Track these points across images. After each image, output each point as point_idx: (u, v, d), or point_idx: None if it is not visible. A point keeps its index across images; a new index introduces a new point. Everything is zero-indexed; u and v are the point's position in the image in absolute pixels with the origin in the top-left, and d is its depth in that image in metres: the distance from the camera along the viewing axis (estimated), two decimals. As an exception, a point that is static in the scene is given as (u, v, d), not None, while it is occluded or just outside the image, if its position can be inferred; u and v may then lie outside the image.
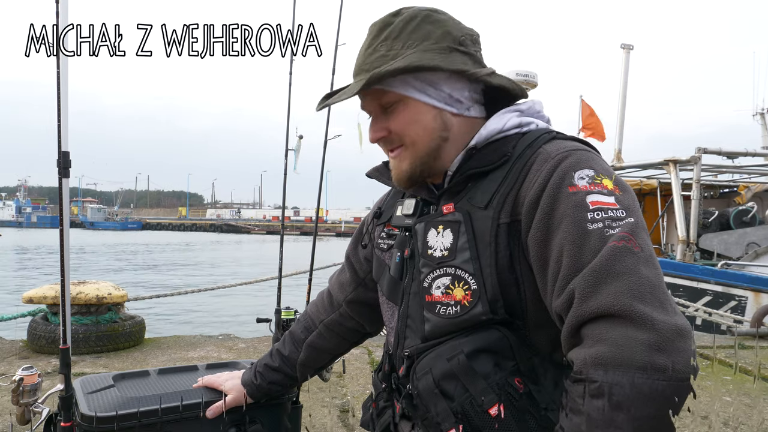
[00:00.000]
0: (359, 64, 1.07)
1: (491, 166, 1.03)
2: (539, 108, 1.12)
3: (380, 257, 1.24)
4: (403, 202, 1.19)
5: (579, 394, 0.82)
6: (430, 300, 1.02)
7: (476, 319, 0.97)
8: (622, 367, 0.77)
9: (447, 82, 1.07)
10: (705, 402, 3.71)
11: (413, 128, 1.06)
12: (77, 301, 4.54)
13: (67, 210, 1.51)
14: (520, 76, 8.33)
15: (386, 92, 1.06)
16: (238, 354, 4.63)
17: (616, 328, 0.80)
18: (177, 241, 50.07)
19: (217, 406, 1.37)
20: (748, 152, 9.48)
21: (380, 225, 1.27)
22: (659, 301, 0.81)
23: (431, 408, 0.99)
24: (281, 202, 3.12)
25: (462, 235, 1.00)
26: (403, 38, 1.04)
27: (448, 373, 0.97)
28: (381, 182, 1.24)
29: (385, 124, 1.09)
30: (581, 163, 0.95)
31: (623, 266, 0.83)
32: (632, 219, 0.89)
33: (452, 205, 1.04)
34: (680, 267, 8.11)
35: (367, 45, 1.07)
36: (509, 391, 0.94)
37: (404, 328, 1.09)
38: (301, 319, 1.49)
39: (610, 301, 0.81)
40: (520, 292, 0.98)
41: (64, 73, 1.47)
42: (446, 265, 1.01)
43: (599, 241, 0.86)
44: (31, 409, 1.38)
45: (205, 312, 12.85)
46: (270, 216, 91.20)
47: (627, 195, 0.93)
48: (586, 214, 0.89)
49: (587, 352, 0.81)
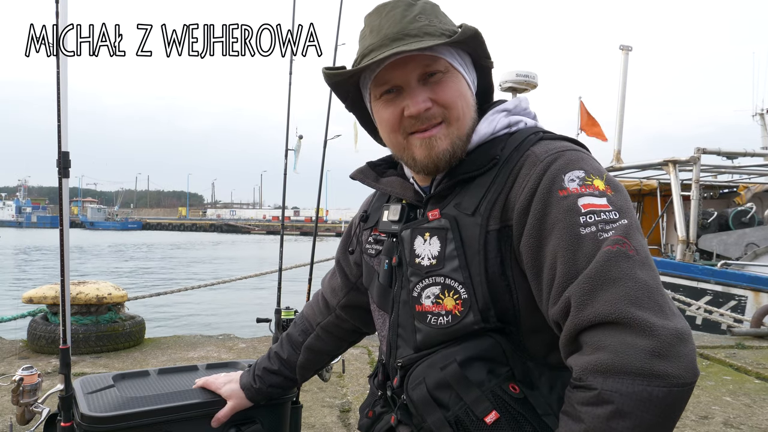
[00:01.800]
0: (400, 30, 0.98)
1: (479, 171, 1.00)
2: (525, 105, 1.10)
3: (369, 263, 1.22)
4: (389, 206, 1.15)
5: (578, 401, 0.81)
6: (420, 310, 1.01)
7: (468, 328, 0.96)
8: (622, 374, 0.76)
9: (471, 67, 1.07)
10: (705, 402, 3.71)
11: (461, 101, 1.01)
12: (77, 301, 4.54)
13: (67, 210, 1.51)
14: (520, 76, 8.34)
15: (438, 59, 1.00)
16: (238, 354, 4.63)
17: (614, 335, 0.79)
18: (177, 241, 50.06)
19: (219, 418, 1.37)
20: (747, 152, 9.49)
21: (367, 229, 1.24)
22: (657, 305, 0.80)
23: (426, 418, 0.98)
24: (281, 202, 3.12)
25: (450, 242, 0.98)
26: (437, 17, 1.02)
27: (442, 383, 0.96)
28: (365, 184, 1.19)
29: (428, 94, 1.00)
30: (571, 164, 0.93)
31: (619, 271, 0.81)
32: (625, 221, 0.87)
33: (438, 211, 1.01)
34: (680, 267, 8.12)
35: (401, 15, 0.99)
36: (504, 398, 0.93)
37: (395, 337, 1.08)
38: (298, 322, 1.48)
39: (607, 308, 0.80)
40: (513, 298, 0.96)
41: (64, 73, 1.47)
42: (435, 274, 0.99)
43: (593, 245, 0.85)
44: (31, 409, 1.38)
45: (205, 312, 12.84)
46: (270, 216, 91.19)
47: (619, 195, 0.91)
48: (578, 218, 0.87)
49: (586, 359, 0.81)
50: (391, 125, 1.04)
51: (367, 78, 1.06)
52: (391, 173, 1.18)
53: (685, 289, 7.81)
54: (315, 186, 2.83)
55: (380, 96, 1.04)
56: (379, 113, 1.06)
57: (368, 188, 1.24)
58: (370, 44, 1.01)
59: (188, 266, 25.94)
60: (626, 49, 11.05)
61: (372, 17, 1.04)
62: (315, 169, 2.83)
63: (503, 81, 8.65)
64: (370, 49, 1.00)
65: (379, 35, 1.00)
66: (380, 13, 1.02)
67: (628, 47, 11.08)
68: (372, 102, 1.08)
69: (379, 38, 0.99)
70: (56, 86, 1.44)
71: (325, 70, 1.07)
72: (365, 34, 1.04)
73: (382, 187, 1.16)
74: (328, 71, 1.06)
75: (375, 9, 1.04)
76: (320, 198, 2.82)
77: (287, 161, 2.93)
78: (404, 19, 0.99)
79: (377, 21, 1.02)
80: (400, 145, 1.05)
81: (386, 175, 1.18)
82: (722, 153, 9.19)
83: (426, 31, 0.97)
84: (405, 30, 0.97)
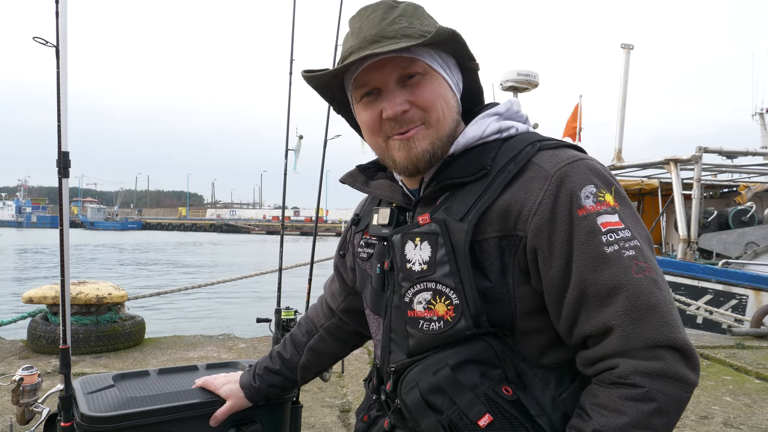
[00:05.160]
0: (378, 32, 0.98)
1: (470, 178, 1.00)
2: (517, 108, 1.09)
3: (362, 267, 1.21)
4: (378, 210, 1.14)
5: (623, 396, 0.88)
6: (412, 315, 1.00)
7: (460, 334, 0.96)
8: (668, 378, 0.87)
9: (455, 68, 1.06)
10: (705, 402, 3.71)
11: (440, 103, 1.01)
12: (77, 301, 4.54)
13: (67, 210, 1.51)
14: (521, 75, 8.34)
15: (416, 61, 1.00)
16: (238, 354, 4.63)
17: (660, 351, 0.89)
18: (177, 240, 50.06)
19: (217, 416, 1.37)
20: (748, 152, 9.49)
21: (359, 233, 1.24)
22: (680, 321, 0.91)
23: (420, 422, 0.98)
24: (281, 202, 3.12)
25: (440, 247, 0.97)
26: (418, 19, 1.02)
27: (435, 387, 0.96)
28: (355, 188, 1.19)
29: (406, 97, 1.01)
30: (582, 177, 0.95)
31: (654, 299, 0.90)
32: (637, 242, 0.92)
33: (428, 216, 1.01)
34: (681, 266, 8.12)
35: (380, 17, 1.00)
36: (497, 401, 0.93)
37: (389, 342, 1.08)
38: (302, 323, 1.48)
39: (654, 335, 0.88)
40: (511, 306, 0.97)
41: (64, 72, 1.46)
42: (426, 279, 0.98)
43: (619, 262, 0.90)
44: (31, 409, 1.37)
45: (205, 312, 12.85)
46: (270, 216, 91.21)
47: (625, 208, 0.95)
48: (601, 238, 0.91)
49: (635, 363, 0.88)
50: (370, 127, 1.05)
51: (349, 80, 1.06)
52: (380, 176, 1.18)
53: (686, 288, 7.81)
54: (315, 186, 2.83)
55: (360, 98, 1.05)
56: (360, 115, 1.07)
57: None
58: (350, 47, 1.01)
59: (188, 266, 25.95)
60: (627, 47, 11.04)
61: (354, 20, 1.04)
62: (315, 169, 2.83)
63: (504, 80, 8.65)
64: (350, 51, 1.01)
65: (358, 38, 1.00)
66: (362, 16, 1.03)
67: (629, 46, 11.07)
68: (354, 104, 1.08)
69: (358, 41, 1.00)
70: (56, 86, 1.44)
71: (304, 74, 1.07)
72: (347, 37, 1.05)
73: (371, 190, 1.16)
74: (306, 74, 1.06)
75: (358, 12, 1.05)
76: (320, 198, 2.82)
77: (287, 161, 2.93)
78: (383, 21, 0.99)
79: (358, 23, 1.03)
80: (381, 147, 1.06)
81: (376, 178, 1.18)
82: (723, 152, 9.18)
83: (404, 33, 0.98)
84: (383, 32, 0.98)
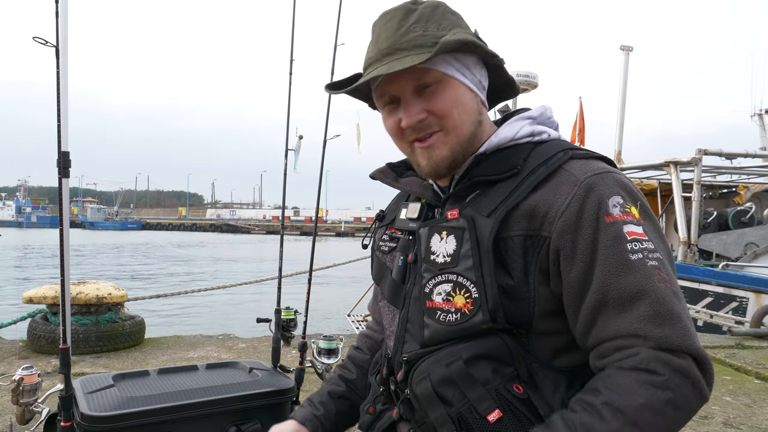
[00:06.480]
0: (392, 44, 1.02)
1: (500, 176, 1.02)
2: (550, 114, 1.13)
3: (381, 259, 1.23)
4: (407, 204, 1.18)
5: (643, 380, 0.88)
6: (430, 306, 1.02)
7: (476, 327, 0.97)
8: (687, 378, 0.88)
9: (476, 67, 1.08)
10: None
11: (456, 110, 1.04)
12: (77, 301, 4.54)
13: (67, 210, 1.51)
14: (521, 76, 8.33)
15: (429, 71, 1.02)
16: (238, 354, 4.63)
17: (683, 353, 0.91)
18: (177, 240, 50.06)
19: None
20: (748, 153, 9.50)
21: (382, 227, 1.27)
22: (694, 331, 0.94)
23: (429, 413, 0.98)
24: (281, 202, 3.12)
25: (465, 242, 0.99)
26: (435, 22, 1.03)
27: (447, 379, 0.97)
28: (385, 183, 1.22)
29: (423, 105, 1.04)
30: (610, 188, 0.97)
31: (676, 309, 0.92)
32: (659, 254, 0.95)
33: (457, 211, 1.04)
34: (682, 268, 8.10)
35: (396, 26, 1.02)
36: (508, 398, 0.94)
37: (403, 332, 1.09)
38: (360, 344, 1.42)
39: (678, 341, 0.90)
40: (530, 305, 0.98)
41: (64, 72, 1.47)
42: (448, 271, 1.00)
43: (643, 272, 0.92)
44: (31, 409, 1.38)
45: (205, 312, 12.84)
46: (270, 216, 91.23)
47: (649, 223, 0.98)
48: (626, 245, 0.93)
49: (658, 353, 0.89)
50: (394, 133, 1.10)
51: (372, 87, 1.11)
52: (409, 174, 1.21)
53: (687, 290, 7.80)
54: (315, 186, 2.83)
55: (383, 106, 1.10)
56: (384, 122, 1.12)
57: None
58: (369, 57, 1.06)
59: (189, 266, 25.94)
60: (627, 49, 11.05)
61: (375, 26, 1.08)
62: (315, 169, 2.83)
63: (504, 81, 8.64)
64: (369, 62, 1.06)
65: (376, 48, 1.05)
66: (381, 22, 1.06)
67: (628, 47, 11.08)
68: (379, 109, 1.13)
69: (375, 52, 1.05)
70: (56, 86, 1.44)
71: (327, 89, 1.13)
72: (370, 43, 1.09)
73: (402, 186, 1.20)
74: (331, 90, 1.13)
75: (379, 16, 1.08)
76: (320, 198, 2.82)
77: (287, 161, 2.93)
78: (398, 31, 1.02)
79: (377, 31, 1.07)
80: (407, 151, 1.12)
81: (405, 176, 1.22)
82: (723, 154, 9.19)
83: (416, 44, 1.00)
84: (396, 44, 1.02)
